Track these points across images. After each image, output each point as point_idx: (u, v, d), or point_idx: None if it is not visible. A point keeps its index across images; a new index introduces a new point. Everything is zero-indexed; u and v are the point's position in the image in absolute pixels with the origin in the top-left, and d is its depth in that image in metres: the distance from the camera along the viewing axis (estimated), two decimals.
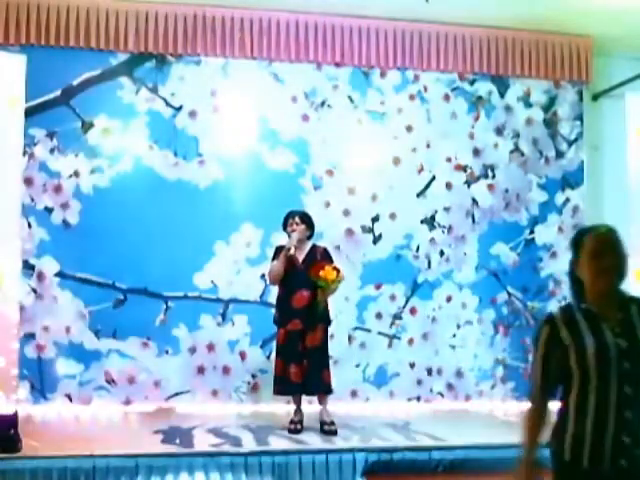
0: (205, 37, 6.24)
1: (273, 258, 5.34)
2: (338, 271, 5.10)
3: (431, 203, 6.64)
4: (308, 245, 5.35)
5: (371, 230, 6.53)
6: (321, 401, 5.26)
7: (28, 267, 5.87)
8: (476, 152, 6.75)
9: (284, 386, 5.20)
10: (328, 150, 6.48)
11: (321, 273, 5.04)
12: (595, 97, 7.03)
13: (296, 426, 5.16)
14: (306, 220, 5.36)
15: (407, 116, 6.64)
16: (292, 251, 5.20)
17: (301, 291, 5.17)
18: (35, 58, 5.54)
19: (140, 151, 6.19)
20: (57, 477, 4.26)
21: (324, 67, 6.51)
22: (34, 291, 5.94)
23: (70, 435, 5.00)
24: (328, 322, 5.33)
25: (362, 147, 6.56)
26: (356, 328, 6.39)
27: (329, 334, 5.37)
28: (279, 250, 5.32)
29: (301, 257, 5.28)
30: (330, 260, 5.29)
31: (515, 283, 6.74)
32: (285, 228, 5.37)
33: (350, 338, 6.41)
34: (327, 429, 5.11)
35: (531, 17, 6.41)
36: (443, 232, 6.65)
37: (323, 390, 5.23)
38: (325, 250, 5.37)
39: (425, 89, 6.69)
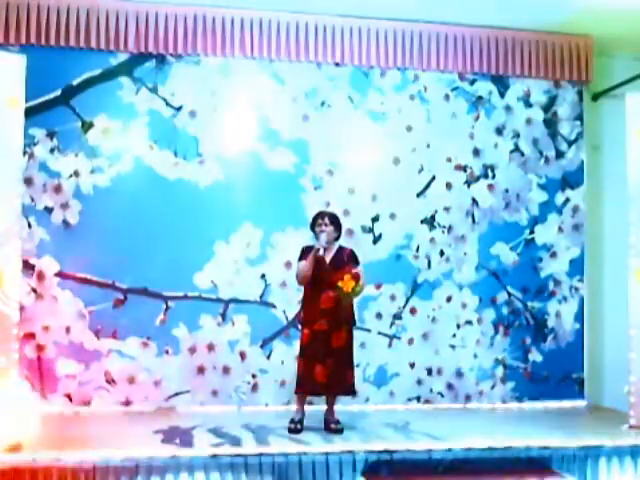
0: (205, 37, 6.24)
1: (300, 258, 5.35)
2: (357, 280, 5.09)
3: (431, 203, 6.64)
4: (335, 246, 5.38)
5: (371, 230, 6.53)
6: (331, 400, 5.29)
7: (28, 267, 5.87)
8: (476, 152, 6.75)
9: (309, 386, 5.21)
10: (328, 150, 6.48)
11: (339, 283, 5.06)
12: (595, 97, 7.03)
13: (296, 426, 5.18)
14: (335, 221, 5.39)
15: (407, 116, 6.64)
16: (321, 252, 5.22)
17: (328, 292, 5.17)
18: (35, 58, 5.55)
19: (140, 151, 6.19)
20: (57, 477, 4.26)
21: (324, 67, 6.51)
22: (34, 291, 5.94)
23: (70, 435, 5.00)
24: (353, 323, 5.38)
25: (362, 147, 6.55)
26: (356, 328, 6.38)
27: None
28: (306, 250, 5.34)
29: (328, 258, 5.31)
30: (356, 262, 5.33)
31: (515, 283, 6.74)
32: (313, 228, 5.39)
33: None
34: (334, 427, 5.16)
35: (531, 17, 6.41)
36: (443, 232, 6.65)
37: (347, 391, 5.29)
38: (352, 252, 5.41)
39: (425, 89, 6.69)
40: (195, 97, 6.30)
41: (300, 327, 5.44)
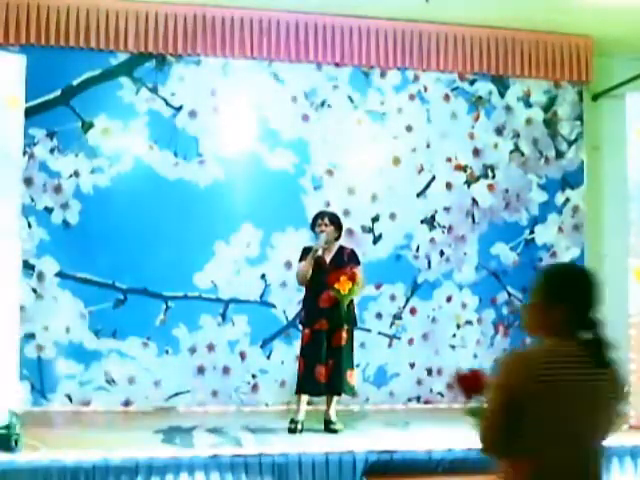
0: (205, 37, 6.23)
1: (300, 259, 5.35)
2: (353, 280, 5.11)
3: (431, 203, 6.64)
4: (336, 246, 5.37)
5: (371, 230, 6.53)
6: (331, 400, 5.28)
7: (28, 267, 5.86)
8: (476, 152, 6.75)
9: (309, 386, 5.20)
10: (328, 150, 6.47)
11: (336, 285, 5.08)
12: (595, 97, 7.02)
13: (296, 426, 5.17)
14: (335, 221, 5.37)
15: (407, 116, 6.64)
16: (319, 252, 5.22)
17: (328, 291, 5.16)
18: (35, 58, 5.54)
19: (140, 151, 6.19)
20: (57, 477, 4.25)
21: (324, 67, 6.51)
22: (34, 291, 5.94)
23: (70, 435, 5.00)
24: (354, 323, 5.38)
25: (362, 147, 6.55)
26: (356, 328, 6.37)
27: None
28: (306, 251, 5.33)
29: (328, 258, 5.30)
30: (357, 262, 5.33)
31: (515, 283, 6.72)
32: (313, 228, 5.40)
33: None
34: (334, 427, 5.16)
35: (531, 17, 6.40)
36: (443, 232, 6.65)
37: (347, 391, 5.28)
38: (352, 251, 5.39)
39: (425, 89, 6.68)
40: (195, 97, 6.30)
41: (300, 327, 5.43)
